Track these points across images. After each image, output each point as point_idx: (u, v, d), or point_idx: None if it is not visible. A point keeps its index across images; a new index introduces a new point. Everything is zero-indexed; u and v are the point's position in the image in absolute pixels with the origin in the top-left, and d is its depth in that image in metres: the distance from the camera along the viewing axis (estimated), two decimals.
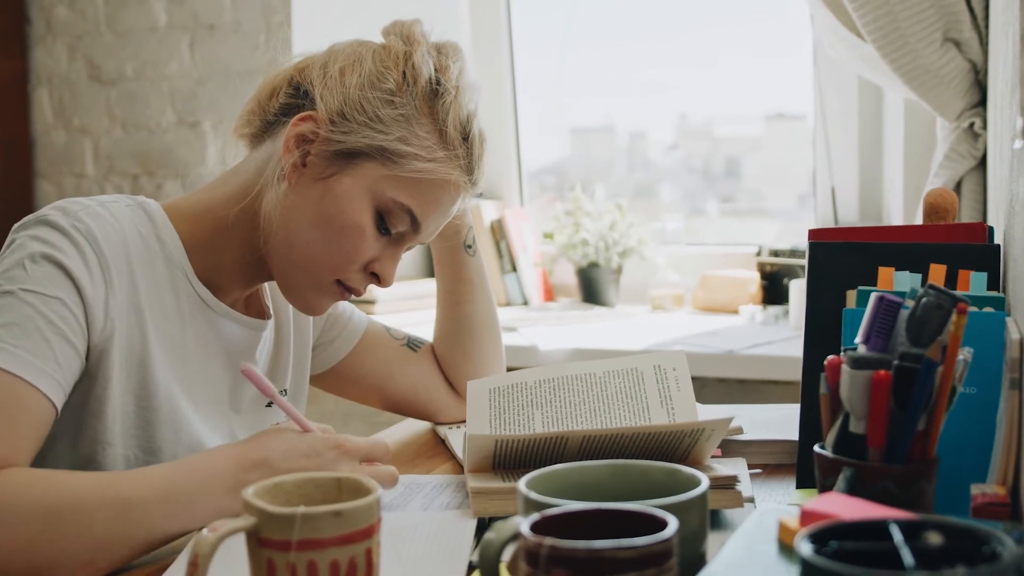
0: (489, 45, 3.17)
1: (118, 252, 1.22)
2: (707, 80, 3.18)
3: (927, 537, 0.72)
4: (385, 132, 1.27)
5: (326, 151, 1.28)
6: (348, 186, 1.28)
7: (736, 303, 2.78)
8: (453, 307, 1.61)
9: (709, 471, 1.16)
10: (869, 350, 0.97)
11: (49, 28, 3.22)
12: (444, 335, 1.62)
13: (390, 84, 1.28)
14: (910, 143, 2.48)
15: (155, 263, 1.27)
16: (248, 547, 0.88)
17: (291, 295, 1.34)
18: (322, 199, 1.28)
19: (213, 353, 1.33)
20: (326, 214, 1.28)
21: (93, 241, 1.19)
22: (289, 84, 1.33)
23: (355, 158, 1.28)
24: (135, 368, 1.23)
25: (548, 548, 0.76)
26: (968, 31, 2.06)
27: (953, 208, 1.36)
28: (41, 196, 3.27)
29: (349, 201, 1.28)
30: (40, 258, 1.16)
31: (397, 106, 1.28)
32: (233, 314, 1.35)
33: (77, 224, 1.19)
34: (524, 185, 3.23)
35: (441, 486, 1.30)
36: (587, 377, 1.35)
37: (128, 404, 1.23)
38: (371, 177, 1.28)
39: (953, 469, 1.05)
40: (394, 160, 1.28)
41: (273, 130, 1.33)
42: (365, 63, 1.30)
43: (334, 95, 1.28)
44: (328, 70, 1.30)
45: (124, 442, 1.23)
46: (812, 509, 0.83)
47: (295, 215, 1.28)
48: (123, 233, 1.23)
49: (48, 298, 1.15)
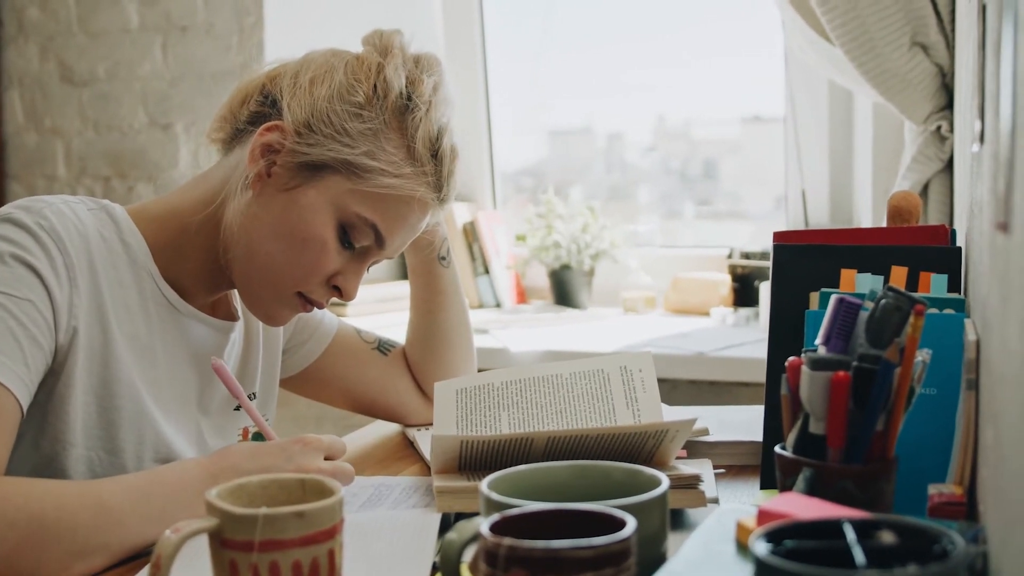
0: (462, 47, 3.18)
1: (80, 252, 1.22)
2: (685, 82, 3.19)
3: (880, 536, 0.73)
4: (351, 146, 1.26)
5: (291, 162, 1.27)
6: (312, 198, 1.27)
7: (707, 305, 2.79)
8: (426, 315, 1.61)
9: (672, 471, 1.17)
10: (829, 351, 0.98)
11: (21, 29, 3.20)
12: (416, 340, 1.63)
13: (359, 97, 1.28)
14: (879, 146, 2.50)
15: (119, 265, 1.26)
16: (211, 548, 0.88)
17: (252, 305, 1.34)
18: (285, 210, 1.27)
19: (181, 355, 1.33)
20: (288, 225, 1.27)
21: (58, 240, 1.19)
22: (260, 92, 1.33)
23: (320, 170, 1.27)
24: (97, 368, 1.23)
25: (506, 548, 0.77)
26: (935, 35, 2.07)
27: (916, 211, 1.37)
28: (12, 197, 3.25)
29: (312, 213, 1.27)
30: (10, 258, 1.16)
31: (365, 120, 1.27)
32: (200, 316, 1.35)
33: (42, 222, 1.19)
34: (498, 187, 3.24)
35: (410, 488, 1.30)
36: (554, 378, 1.36)
37: (90, 404, 1.23)
38: (335, 190, 1.27)
39: (914, 469, 1.07)
40: (359, 175, 1.27)
41: (242, 137, 1.33)
42: (336, 74, 1.29)
43: (302, 106, 1.27)
44: (298, 80, 1.29)
45: (86, 443, 1.23)
46: (769, 509, 0.84)
47: (257, 225, 1.28)
48: (85, 234, 1.23)
49: (19, 300, 1.15)
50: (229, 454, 1.19)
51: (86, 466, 1.23)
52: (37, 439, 1.22)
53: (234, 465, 1.16)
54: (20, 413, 1.13)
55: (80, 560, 1.07)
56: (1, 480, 1.08)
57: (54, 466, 1.22)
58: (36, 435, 1.22)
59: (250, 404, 1.25)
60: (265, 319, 1.36)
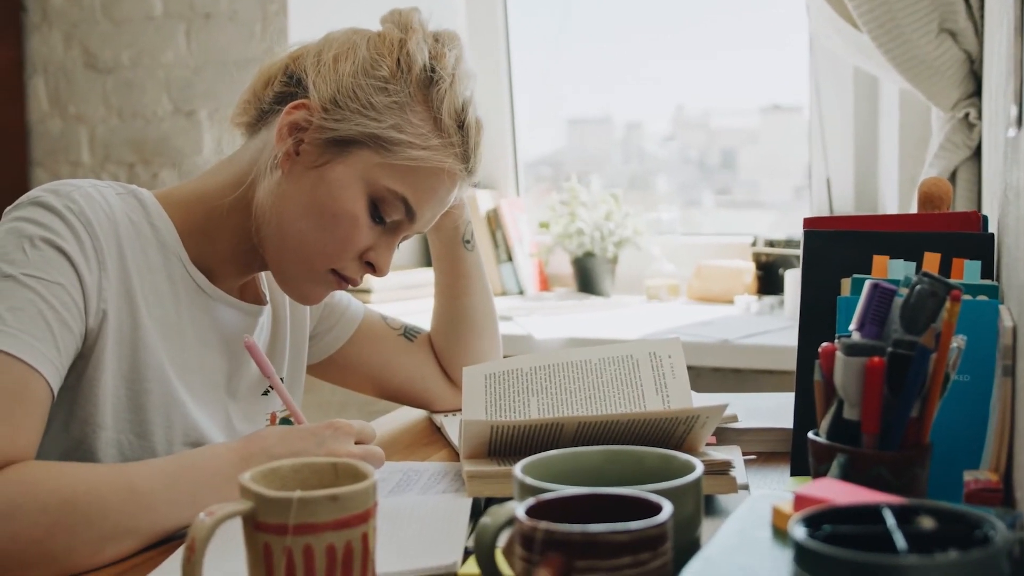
0: (485, 35, 3.17)
1: (109, 235, 1.22)
2: (703, 72, 3.18)
3: (920, 521, 0.73)
4: (379, 120, 1.27)
5: (319, 139, 1.27)
6: (341, 174, 1.27)
7: (731, 293, 2.78)
8: (451, 300, 1.61)
9: (703, 457, 1.17)
10: (863, 337, 0.97)
11: (45, 16, 3.21)
12: (441, 326, 1.63)
13: (384, 71, 1.28)
14: (905, 133, 2.48)
15: (148, 249, 1.26)
16: (244, 531, 0.88)
17: (286, 284, 1.34)
18: (315, 187, 1.27)
19: (209, 339, 1.33)
20: (319, 202, 1.27)
21: (87, 223, 1.19)
22: (284, 73, 1.33)
23: (348, 146, 1.27)
24: (127, 352, 1.23)
25: (543, 532, 0.76)
26: (963, 21, 2.06)
27: (948, 197, 1.36)
28: (37, 184, 3.24)
29: (342, 189, 1.27)
30: (40, 241, 1.16)
31: (391, 93, 1.27)
32: (229, 299, 1.35)
33: (71, 205, 1.19)
34: (520, 175, 3.23)
35: (439, 474, 1.30)
36: (583, 364, 1.35)
37: (120, 388, 1.23)
38: (365, 165, 1.27)
39: (946, 456, 1.06)
40: (388, 148, 1.27)
41: (268, 119, 1.33)
42: (359, 50, 1.29)
43: (327, 83, 1.27)
44: (322, 58, 1.30)
45: (116, 425, 1.23)
46: (806, 494, 0.83)
47: (288, 204, 1.28)
48: (114, 217, 1.23)
49: (50, 283, 1.15)
50: (260, 438, 1.19)
51: (116, 449, 1.24)
52: (67, 422, 1.22)
53: (265, 449, 1.16)
54: (51, 396, 1.13)
55: (111, 544, 1.07)
56: (32, 464, 1.08)
57: (84, 449, 1.22)
58: (66, 418, 1.22)
59: (281, 385, 1.25)
60: (300, 298, 1.35)
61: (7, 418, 1.08)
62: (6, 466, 1.06)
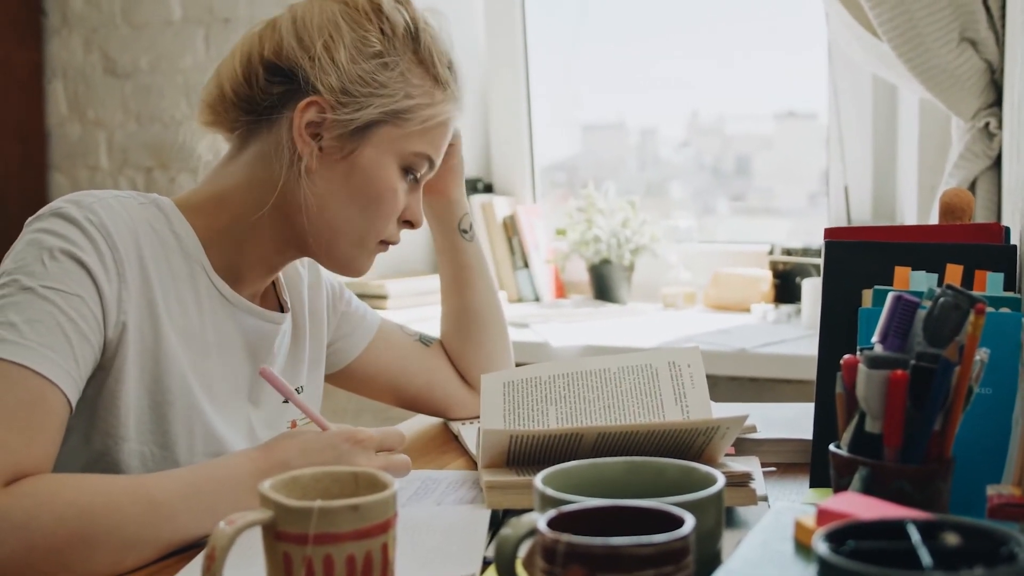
0: (504, 41, 3.17)
1: (130, 246, 1.21)
2: (718, 77, 3.17)
3: (944, 537, 0.72)
4: (391, 95, 1.29)
5: (341, 132, 1.28)
6: (371, 156, 1.30)
7: (748, 301, 2.78)
8: (456, 295, 1.62)
9: (723, 468, 1.16)
10: (886, 349, 0.97)
11: (65, 20, 3.22)
12: (450, 325, 1.63)
13: (376, 46, 1.29)
14: (925, 142, 2.47)
15: (171, 258, 1.26)
16: (264, 541, 0.88)
17: (338, 266, 1.37)
18: (350, 176, 1.30)
19: (233, 347, 1.33)
20: (359, 188, 1.30)
21: (107, 235, 1.19)
22: (267, 70, 1.30)
23: (369, 128, 1.29)
24: (149, 363, 1.23)
25: (565, 544, 0.76)
26: (984, 30, 2.05)
27: (969, 208, 1.35)
28: (55, 188, 3.27)
29: (378, 169, 1.30)
30: (59, 253, 1.16)
31: (390, 66, 1.29)
32: (252, 308, 1.34)
33: (91, 217, 1.19)
34: (537, 182, 3.23)
35: (456, 482, 1.30)
36: (602, 373, 1.35)
37: (142, 399, 1.23)
38: (389, 140, 1.30)
39: (969, 469, 1.05)
40: (404, 118, 1.30)
41: (269, 118, 1.30)
42: (343, 31, 1.28)
43: (329, 75, 1.27)
44: (311, 49, 1.27)
45: (139, 437, 1.23)
46: (829, 508, 0.83)
47: (330, 199, 1.30)
48: (135, 228, 1.23)
49: (68, 295, 1.15)
50: (281, 449, 1.18)
51: (139, 460, 1.24)
52: (88, 434, 1.22)
53: (284, 462, 1.16)
54: (69, 409, 1.13)
55: (130, 554, 1.07)
56: (49, 476, 1.08)
57: (106, 461, 1.22)
58: (87, 430, 1.22)
59: (301, 401, 1.26)
60: (353, 272, 1.38)
61: (23, 430, 1.08)
62: (22, 478, 1.06)
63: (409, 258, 2.93)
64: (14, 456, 1.06)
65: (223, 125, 1.35)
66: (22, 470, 1.06)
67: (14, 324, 1.11)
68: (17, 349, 1.10)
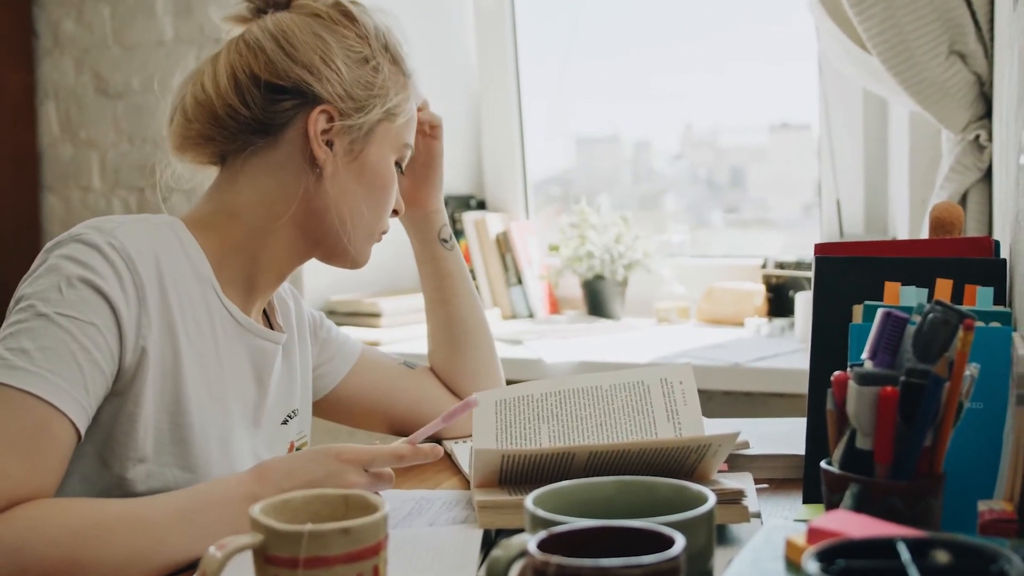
0: (495, 57, 3.18)
1: (151, 272, 1.22)
2: (712, 90, 3.18)
3: (935, 555, 0.72)
4: (384, 94, 1.35)
5: (351, 136, 1.33)
6: (376, 155, 1.36)
7: (741, 315, 2.78)
8: (440, 305, 1.62)
9: (715, 486, 1.16)
10: (876, 366, 0.97)
11: (56, 42, 3.23)
12: (438, 339, 1.64)
13: (361, 52, 1.34)
14: (915, 155, 2.48)
15: (188, 281, 1.27)
16: (255, 565, 0.88)
17: (349, 261, 1.40)
18: (361, 175, 1.35)
19: (242, 368, 1.34)
20: (369, 186, 1.36)
21: (128, 259, 1.19)
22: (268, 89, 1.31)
23: (372, 128, 1.35)
24: (168, 385, 1.23)
25: (555, 567, 0.76)
26: (973, 43, 2.06)
27: (959, 222, 1.36)
28: (48, 209, 3.27)
29: (382, 166, 1.37)
30: (77, 281, 1.16)
31: (378, 68, 1.35)
32: (259, 328, 1.35)
33: (112, 242, 1.19)
34: (529, 196, 3.23)
35: (450, 502, 1.29)
36: (593, 390, 1.35)
37: (162, 421, 1.23)
38: (387, 137, 1.37)
39: (960, 485, 1.05)
40: (395, 113, 1.37)
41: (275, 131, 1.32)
42: (328, 42, 1.32)
43: (333, 84, 1.31)
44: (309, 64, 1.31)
45: (158, 459, 1.23)
46: (819, 527, 0.83)
47: (345, 199, 1.34)
48: (156, 251, 1.23)
49: (83, 323, 1.15)
50: (269, 471, 1.18)
51: (161, 483, 1.23)
52: (106, 458, 1.22)
53: (275, 483, 1.16)
54: (77, 438, 1.14)
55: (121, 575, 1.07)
56: (43, 501, 1.08)
57: (126, 485, 1.22)
58: (104, 454, 1.21)
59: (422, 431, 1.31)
60: (361, 265, 1.42)
61: (25, 458, 1.08)
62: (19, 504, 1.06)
63: (401, 276, 2.93)
64: (12, 483, 1.07)
65: (212, 149, 1.36)
66: (20, 497, 1.07)
67: (27, 351, 1.12)
68: (27, 376, 1.10)
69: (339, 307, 2.89)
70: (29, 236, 3.24)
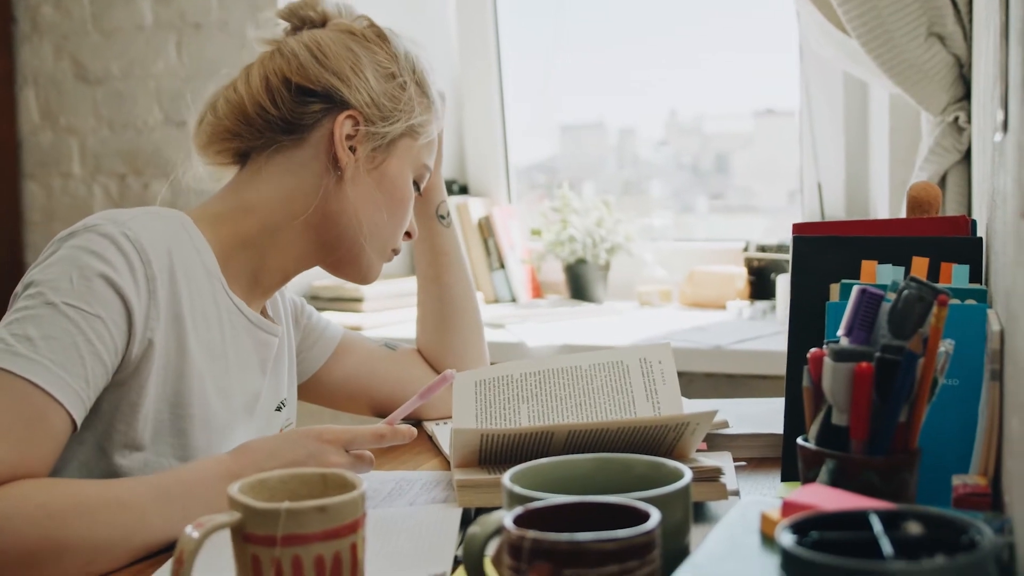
0: (476, 44, 3.17)
1: (163, 264, 1.23)
2: (697, 77, 3.18)
3: (907, 527, 0.73)
4: (410, 110, 1.38)
5: (374, 144, 1.36)
6: (396, 167, 1.39)
7: (724, 298, 2.79)
8: (433, 282, 1.63)
9: (693, 464, 1.17)
10: (851, 343, 0.97)
11: (35, 27, 3.21)
12: (426, 317, 1.64)
13: (389, 68, 1.38)
14: (895, 137, 2.48)
15: (197, 274, 1.28)
16: (233, 543, 0.88)
17: (357, 273, 1.42)
18: (380, 185, 1.38)
19: (248, 361, 1.36)
20: (386, 196, 1.39)
21: (141, 250, 1.20)
22: (298, 91, 1.35)
23: (395, 141, 1.37)
24: (171, 376, 1.24)
25: (531, 541, 0.76)
26: (952, 25, 2.06)
27: (936, 201, 1.36)
28: (28, 197, 3.26)
29: (401, 179, 1.40)
30: (89, 271, 1.17)
31: (404, 86, 1.38)
32: (263, 321, 1.37)
33: (126, 232, 1.20)
34: (512, 182, 3.23)
35: (431, 483, 1.30)
36: (573, 370, 1.35)
37: (163, 412, 1.25)
38: (409, 153, 1.40)
39: (936, 460, 1.06)
40: (418, 132, 1.40)
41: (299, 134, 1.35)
42: (360, 56, 1.36)
43: (362, 92, 1.35)
44: (340, 72, 1.34)
45: (156, 448, 1.24)
46: (794, 500, 0.84)
47: (364, 204, 1.37)
48: (168, 245, 1.25)
49: (89, 315, 1.15)
50: (249, 451, 1.19)
51: (155, 471, 1.23)
52: (104, 446, 1.22)
53: (255, 462, 1.17)
54: (72, 429, 1.14)
55: (101, 557, 1.08)
56: (23, 481, 1.09)
57: (122, 474, 1.23)
58: (102, 442, 1.22)
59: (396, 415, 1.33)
60: (370, 280, 1.45)
61: (16, 445, 1.09)
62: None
63: None
64: (2, 468, 1.07)
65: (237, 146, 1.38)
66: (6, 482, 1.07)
67: (31, 338, 1.12)
68: (28, 364, 1.11)
69: (322, 292, 2.89)
70: (9, 223, 3.23)
